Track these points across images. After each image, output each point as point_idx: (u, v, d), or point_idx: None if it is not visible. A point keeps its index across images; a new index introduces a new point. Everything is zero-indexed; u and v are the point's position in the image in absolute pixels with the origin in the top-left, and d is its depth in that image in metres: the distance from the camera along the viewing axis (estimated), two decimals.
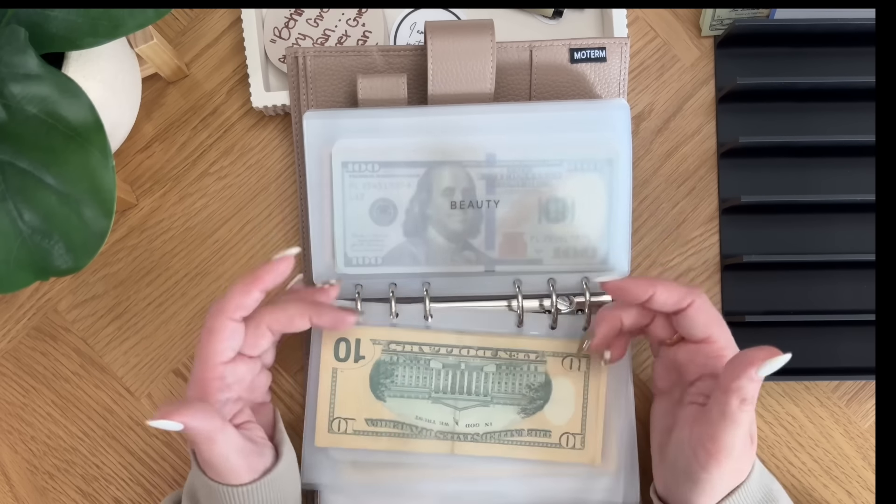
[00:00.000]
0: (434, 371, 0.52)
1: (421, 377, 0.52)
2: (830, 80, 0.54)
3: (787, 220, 0.56)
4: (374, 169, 0.51)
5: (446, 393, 0.52)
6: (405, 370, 0.52)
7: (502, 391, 0.52)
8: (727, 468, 0.43)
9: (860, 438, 0.56)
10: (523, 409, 0.52)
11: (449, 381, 0.52)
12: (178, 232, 0.58)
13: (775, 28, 0.55)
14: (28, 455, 0.57)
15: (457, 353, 0.52)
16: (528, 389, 0.52)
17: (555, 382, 0.52)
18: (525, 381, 0.52)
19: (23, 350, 0.58)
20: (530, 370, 0.52)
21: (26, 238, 0.44)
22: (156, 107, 0.58)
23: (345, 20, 0.56)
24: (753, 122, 0.57)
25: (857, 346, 0.56)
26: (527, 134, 0.51)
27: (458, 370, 0.52)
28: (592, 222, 0.51)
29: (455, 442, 0.52)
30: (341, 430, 0.52)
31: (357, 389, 0.52)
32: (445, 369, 0.52)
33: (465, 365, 0.52)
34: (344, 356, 0.52)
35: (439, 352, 0.52)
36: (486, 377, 0.52)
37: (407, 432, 0.52)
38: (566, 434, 0.52)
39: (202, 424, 0.42)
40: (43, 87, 0.43)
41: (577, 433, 0.52)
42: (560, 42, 0.53)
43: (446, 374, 0.52)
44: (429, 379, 0.52)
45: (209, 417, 0.42)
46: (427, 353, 0.52)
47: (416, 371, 0.52)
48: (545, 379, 0.52)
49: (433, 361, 0.52)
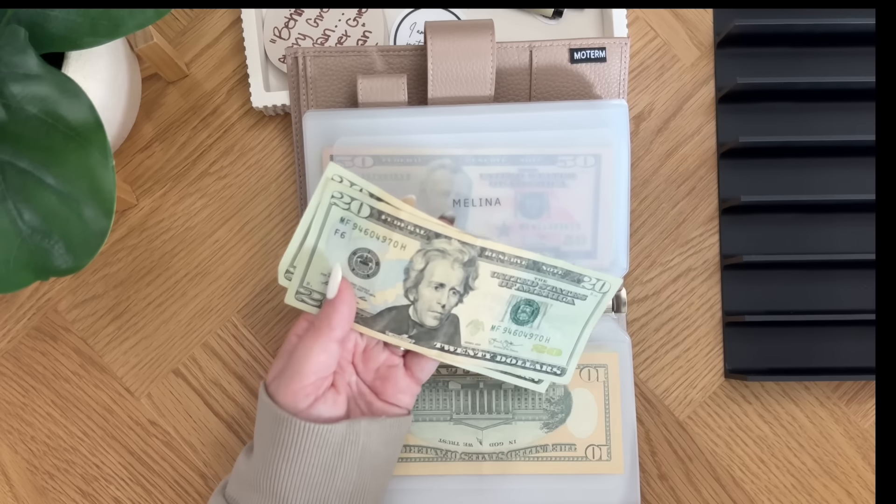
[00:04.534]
0: (453, 392, 0.52)
1: (441, 399, 0.52)
2: (830, 80, 0.54)
3: (787, 220, 0.56)
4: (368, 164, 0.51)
5: (467, 413, 0.52)
6: (425, 394, 0.52)
7: (523, 407, 0.52)
8: None
9: (860, 438, 0.56)
10: (545, 423, 0.52)
11: (469, 402, 0.52)
12: (178, 232, 0.58)
13: (775, 28, 0.55)
14: (28, 455, 0.57)
15: (474, 372, 0.52)
16: (548, 403, 0.52)
17: (574, 395, 0.52)
18: (545, 396, 0.52)
19: (23, 350, 0.58)
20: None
21: (26, 238, 0.44)
22: (156, 107, 0.58)
23: (345, 20, 0.56)
24: (753, 122, 0.57)
25: (857, 346, 0.56)
26: (526, 134, 0.51)
27: (477, 389, 0.52)
28: (591, 222, 0.51)
29: (481, 462, 0.52)
30: None
31: None
32: (464, 390, 0.52)
33: (483, 384, 0.52)
34: None
35: (457, 372, 0.52)
36: (505, 394, 0.52)
37: (432, 456, 0.52)
38: (592, 446, 0.52)
39: (340, 312, 0.44)
40: (43, 87, 0.43)
41: (602, 444, 0.52)
42: (560, 42, 0.53)
43: (465, 395, 0.52)
44: (449, 401, 0.52)
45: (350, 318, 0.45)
46: (445, 375, 0.52)
47: (435, 394, 0.52)
48: (564, 392, 0.52)
49: (451, 383, 0.52)
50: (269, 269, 0.58)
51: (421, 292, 0.46)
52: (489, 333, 0.48)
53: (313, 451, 0.44)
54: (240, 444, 0.57)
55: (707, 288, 0.57)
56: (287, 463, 0.44)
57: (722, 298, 0.56)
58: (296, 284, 0.46)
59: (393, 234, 0.45)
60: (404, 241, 0.45)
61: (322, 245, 0.45)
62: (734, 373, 0.56)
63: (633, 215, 0.57)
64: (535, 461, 0.52)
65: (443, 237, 0.45)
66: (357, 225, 0.45)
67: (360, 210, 0.44)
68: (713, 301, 0.57)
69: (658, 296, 0.57)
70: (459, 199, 0.51)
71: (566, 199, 0.51)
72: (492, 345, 0.48)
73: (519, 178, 0.51)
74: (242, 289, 0.57)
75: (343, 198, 0.44)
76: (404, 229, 0.45)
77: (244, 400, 0.57)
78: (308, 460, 0.44)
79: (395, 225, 0.45)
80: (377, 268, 0.45)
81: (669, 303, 0.57)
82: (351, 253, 0.45)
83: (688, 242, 0.57)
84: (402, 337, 0.47)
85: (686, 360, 0.56)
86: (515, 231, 0.50)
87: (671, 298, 0.57)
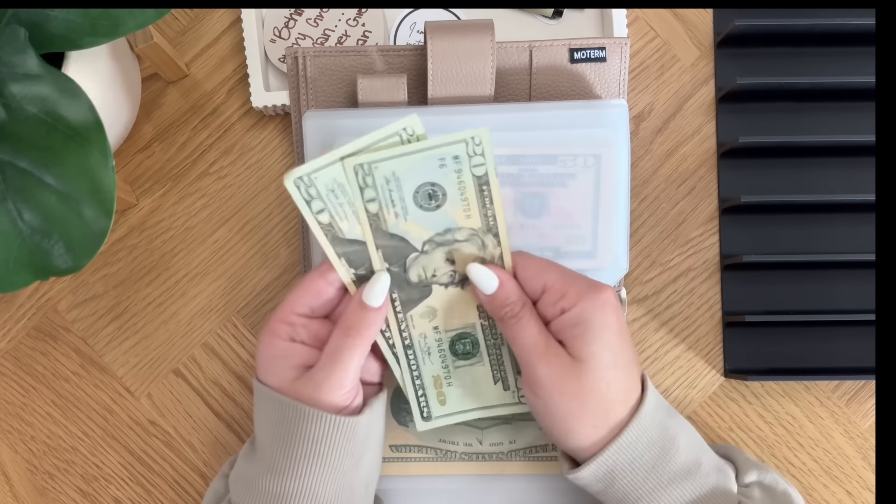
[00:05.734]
0: None
1: None
2: (830, 80, 0.54)
3: (787, 220, 0.56)
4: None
5: None
6: None
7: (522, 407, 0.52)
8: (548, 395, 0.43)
9: (860, 438, 0.56)
10: None
11: None
12: (178, 232, 0.58)
13: (775, 28, 0.55)
14: (28, 455, 0.57)
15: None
16: None
17: None
18: None
19: (23, 350, 0.58)
20: None
21: (26, 238, 0.44)
22: (156, 107, 0.58)
23: (345, 20, 0.56)
24: (753, 122, 0.57)
25: (857, 346, 0.56)
26: (526, 134, 0.51)
27: None
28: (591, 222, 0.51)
29: (482, 462, 0.52)
30: None
31: None
32: None
33: None
34: None
35: None
36: None
37: (432, 456, 0.52)
38: None
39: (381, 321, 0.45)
40: (43, 87, 0.43)
41: None
42: (560, 42, 0.53)
43: None
44: None
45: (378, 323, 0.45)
46: None
47: None
48: None
49: None
50: (269, 269, 0.58)
51: (435, 253, 0.46)
52: (428, 329, 0.48)
53: (343, 444, 0.44)
54: (240, 444, 0.57)
55: (707, 288, 0.57)
56: (318, 459, 0.44)
57: (722, 298, 0.56)
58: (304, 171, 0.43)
59: (474, 202, 0.45)
60: (475, 213, 0.45)
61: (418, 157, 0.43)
62: (734, 373, 0.56)
63: (633, 215, 0.57)
64: (535, 461, 0.52)
65: (496, 238, 0.46)
66: (462, 171, 0.44)
67: (478, 167, 0.44)
68: (713, 301, 0.57)
69: (658, 296, 0.57)
70: None
71: (566, 199, 0.51)
72: (419, 338, 0.48)
73: (519, 178, 0.51)
74: (242, 289, 0.57)
75: (479, 146, 0.43)
76: (485, 208, 0.45)
77: (244, 400, 0.57)
78: (338, 454, 0.44)
79: (483, 197, 0.45)
80: (435, 209, 0.45)
81: (669, 303, 0.57)
82: (430, 182, 0.44)
83: (688, 242, 0.57)
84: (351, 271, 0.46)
85: (686, 360, 0.56)
86: (515, 231, 0.50)
87: (671, 298, 0.57)
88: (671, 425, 0.45)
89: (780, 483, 0.47)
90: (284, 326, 0.45)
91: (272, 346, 0.45)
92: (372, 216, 0.45)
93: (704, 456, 0.45)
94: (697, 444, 0.46)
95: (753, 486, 0.46)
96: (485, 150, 0.43)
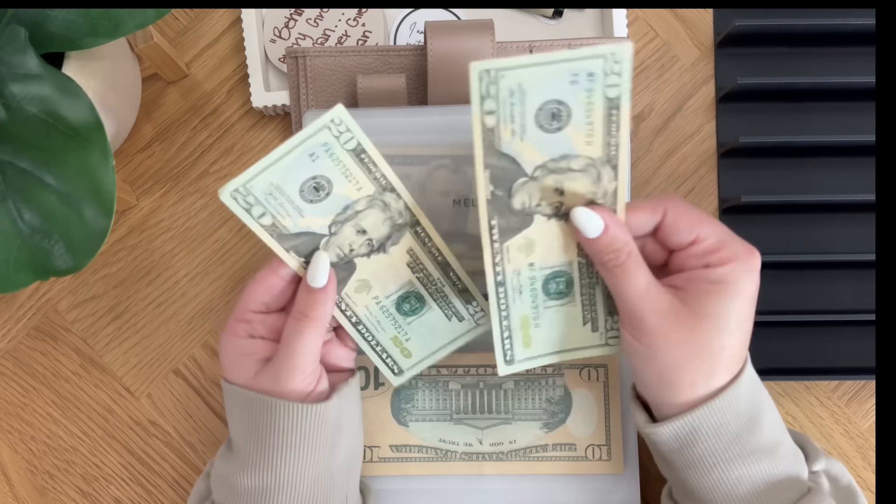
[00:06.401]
0: (453, 392, 0.52)
1: (441, 399, 0.52)
2: (830, 80, 0.54)
3: (786, 220, 0.56)
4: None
5: (467, 413, 0.52)
6: (425, 393, 0.52)
7: (523, 407, 0.52)
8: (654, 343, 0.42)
9: (860, 438, 0.56)
10: (545, 423, 0.52)
11: (469, 402, 0.52)
12: (178, 232, 0.58)
13: (775, 28, 0.55)
14: (28, 455, 0.57)
15: (474, 372, 0.52)
16: (548, 403, 0.52)
17: (574, 395, 0.52)
18: (544, 396, 0.52)
19: (23, 350, 0.58)
20: (549, 384, 0.52)
21: (26, 238, 0.44)
22: (156, 107, 0.58)
23: (345, 20, 0.56)
24: (753, 122, 0.57)
25: (857, 346, 0.56)
26: None
27: (478, 389, 0.52)
28: None
29: (482, 462, 0.52)
30: (367, 458, 0.52)
31: (379, 416, 0.52)
32: (465, 389, 0.52)
33: (483, 384, 0.52)
34: (363, 384, 0.52)
35: (457, 372, 0.52)
36: (505, 394, 0.52)
37: (432, 456, 0.52)
38: (592, 446, 0.52)
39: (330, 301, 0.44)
40: (43, 87, 0.43)
41: (602, 444, 0.52)
42: (560, 42, 0.53)
43: (466, 395, 0.52)
44: (449, 400, 0.52)
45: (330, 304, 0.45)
46: (445, 375, 0.52)
47: (435, 393, 0.52)
48: (564, 392, 0.52)
49: (451, 382, 0.52)
50: None
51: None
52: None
53: (314, 431, 0.44)
54: None
55: None
56: (290, 449, 0.44)
57: None
58: (237, 183, 0.43)
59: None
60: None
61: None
62: None
63: None
64: (536, 461, 0.52)
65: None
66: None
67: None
68: None
69: None
70: (459, 199, 0.51)
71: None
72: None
73: None
74: (242, 289, 0.57)
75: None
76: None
77: None
78: (310, 442, 0.44)
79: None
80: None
81: None
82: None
83: None
84: (301, 260, 0.46)
85: None
86: None
87: None
88: (762, 399, 0.44)
89: (845, 475, 0.47)
90: (242, 324, 0.46)
91: (232, 344, 0.46)
92: (486, 130, 0.41)
93: (786, 438, 0.44)
94: (781, 425, 0.45)
95: (821, 475, 0.45)
96: (623, 70, 0.40)
